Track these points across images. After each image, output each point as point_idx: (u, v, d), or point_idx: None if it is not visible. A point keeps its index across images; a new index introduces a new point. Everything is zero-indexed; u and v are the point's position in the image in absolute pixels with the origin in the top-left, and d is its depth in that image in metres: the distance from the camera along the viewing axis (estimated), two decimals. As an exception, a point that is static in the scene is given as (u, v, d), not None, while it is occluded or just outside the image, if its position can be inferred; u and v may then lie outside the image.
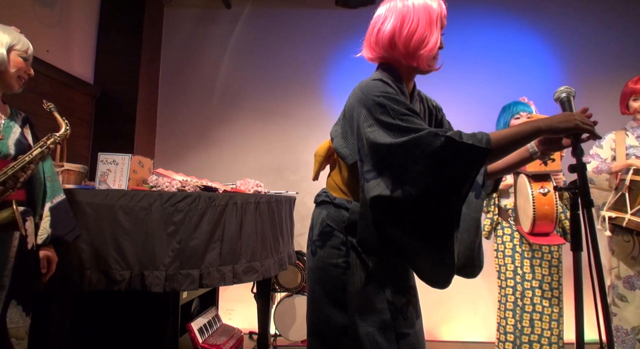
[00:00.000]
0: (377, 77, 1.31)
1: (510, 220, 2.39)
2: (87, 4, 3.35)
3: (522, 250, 2.32)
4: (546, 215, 2.05)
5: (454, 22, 3.64)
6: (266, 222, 2.25)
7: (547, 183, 2.08)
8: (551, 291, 2.27)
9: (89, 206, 1.91)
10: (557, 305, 2.28)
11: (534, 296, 2.27)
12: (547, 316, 2.26)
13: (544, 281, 2.28)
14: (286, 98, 3.70)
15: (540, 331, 2.24)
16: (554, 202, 2.06)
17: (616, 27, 3.52)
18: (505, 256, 2.36)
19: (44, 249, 1.64)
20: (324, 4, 3.74)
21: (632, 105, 2.35)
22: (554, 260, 2.31)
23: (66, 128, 1.64)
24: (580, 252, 1.09)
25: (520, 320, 2.28)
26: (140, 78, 3.41)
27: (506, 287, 2.34)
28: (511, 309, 2.32)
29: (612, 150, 2.39)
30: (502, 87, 3.52)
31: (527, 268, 2.30)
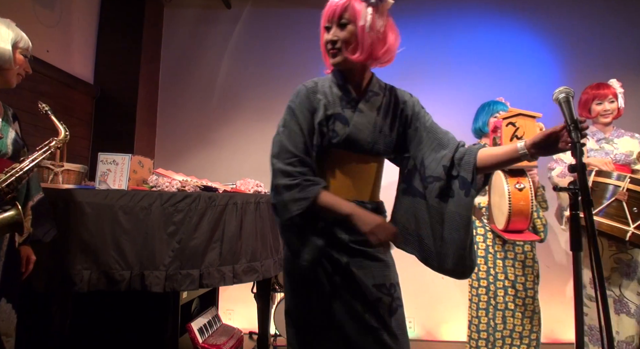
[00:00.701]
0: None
1: (483, 218, 2.38)
2: (87, 4, 3.36)
3: (494, 250, 2.32)
4: (521, 211, 2.04)
5: (454, 22, 3.66)
6: (266, 222, 2.25)
7: (523, 178, 2.06)
8: (525, 291, 2.27)
9: (89, 206, 1.91)
10: (531, 304, 2.28)
11: (506, 295, 2.27)
12: (520, 313, 2.26)
13: (517, 281, 2.27)
14: (286, 98, 3.66)
15: (512, 327, 2.26)
16: (529, 198, 2.04)
17: (616, 27, 3.52)
18: (478, 256, 2.34)
19: (24, 247, 1.64)
20: (324, 4, 3.72)
21: (595, 109, 2.43)
22: (527, 260, 2.30)
23: (65, 134, 1.65)
24: (580, 252, 1.09)
25: (494, 318, 2.29)
26: (140, 78, 3.41)
27: (479, 287, 2.33)
28: (484, 308, 2.31)
29: None
30: (501, 87, 3.51)
31: (499, 268, 2.29)
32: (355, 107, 1.33)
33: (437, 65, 3.57)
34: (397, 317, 1.31)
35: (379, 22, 1.29)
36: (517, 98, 3.46)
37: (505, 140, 2.03)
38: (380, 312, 1.28)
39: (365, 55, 1.30)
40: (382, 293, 1.30)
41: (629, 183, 2.06)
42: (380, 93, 1.38)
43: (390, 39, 1.33)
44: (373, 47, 1.30)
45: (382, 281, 1.31)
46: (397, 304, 1.33)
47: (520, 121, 1.99)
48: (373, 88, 1.38)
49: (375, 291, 1.28)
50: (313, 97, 1.32)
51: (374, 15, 1.28)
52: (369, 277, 1.29)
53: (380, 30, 1.30)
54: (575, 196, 1.19)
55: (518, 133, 1.99)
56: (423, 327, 3.37)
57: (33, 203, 1.66)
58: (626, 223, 2.04)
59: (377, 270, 1.31)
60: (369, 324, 1.26)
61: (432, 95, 3.47)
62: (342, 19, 1.29)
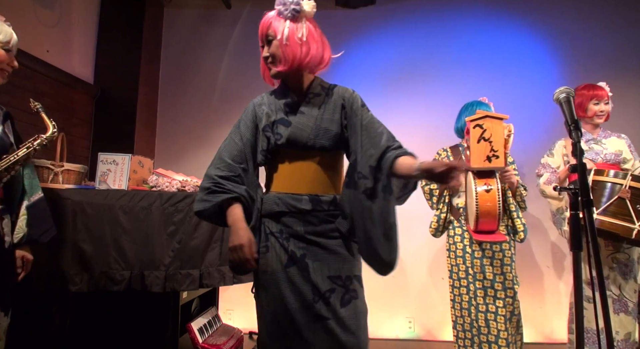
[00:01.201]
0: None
1: (461, 219, 2.37)
2: (87, 4, 3.36)
3: (472, 250, 2.30)
4: (489, 212, 2.03)
5: (454, 22, 3.66)
6: (266, 222, 2.25)
7: (491, 180, 2.06)
8: (504, 291, 2.24)
9: (89, 206, 1.91)
10: (510, 305, 2.24)
11: (486, 296, 2.25)
12: (502, 316, 2.21)
13: (496, 280, 2.25)
14: (286, 98, 3.70)
15: (497, 332, 2.21)
16: (496, 199, 2.04)
17: (615, 27, 3.52)
18: (457, 256, 2.34)
19: (21, 249, 1.60)
20: (324, 4, 3.73)
21: (592, 109, 2.44)
22: (506, 259, 2.27)
23: (53, 131, 1.62)
24: (580, 252, 1.09)
25: (477, 319, 2.26)
26: (140, 78, 3.41)
27: (460, 286, 2.32)
28: (466, 308, 2.29)
29: (564, 155, 2.48)
30: (501, 87, 3.51)
31: (477, 268, 2.27)
32: (297, 110, 1.46)
33: (437, 65, 3.56)
34: (350, 308, 1.37)
35: (298, 33, 1.42)
36: (516, 98, 3.48)
37: (472, 142, 2.04)
38: (331, 302, 1.35)
39: (288, 65, 1.42)
40: (336, 285, 1.37)
41: (631, 181, 2.05)
42: (321, 94, 1.50)
43: (313, 47, 1.44)
44: (294, 57, 1.41)
45: (337, 273, 1.39)
46: (352, 296, 1.39)
47: (487, 123, 2.00)
48: (314, 91, 1.49)
49: (328, 282, 1.36)
50: (258, 109, 1.49)
51: (291, 28, 1.42)
52: (324, 268, 1.38)
53: (301, 39, 1.42)
54: (575, 196, 1.20)
55: (485, 135, 2.01)
56: (423, 327, 3.37)
57: (28, 203, 1.62)
58: (631, 221, 2.01)
59: (333, 262, 1.39)
60: (319, 314, 1.34)
61: (432, 95, 3.47)
62: (268, 37, 1.45)
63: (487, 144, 2.00)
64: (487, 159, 2.00)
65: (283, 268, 1.37)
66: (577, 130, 1.28)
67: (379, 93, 3.61)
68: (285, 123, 1.44)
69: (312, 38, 1.45)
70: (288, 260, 1.38)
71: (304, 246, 1.39)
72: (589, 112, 2.44)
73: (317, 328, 1.34)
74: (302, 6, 1.43)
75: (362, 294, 1.44)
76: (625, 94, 3.48)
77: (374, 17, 3.66)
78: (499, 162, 2.01)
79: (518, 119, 3.40)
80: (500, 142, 2.00)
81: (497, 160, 2.00)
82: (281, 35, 1.41)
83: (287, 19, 1.43)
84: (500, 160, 2.00)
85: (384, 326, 3.37)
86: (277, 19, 1.44)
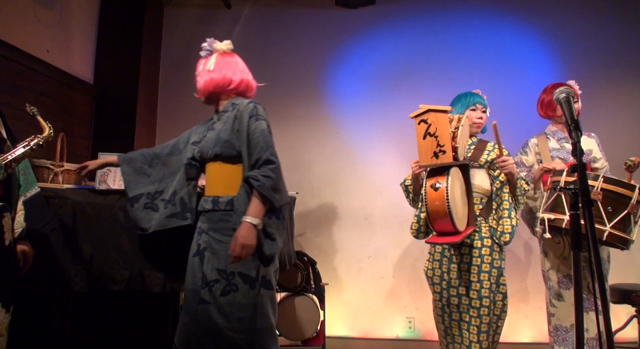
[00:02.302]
0: None
1: None
2: (87, 4, 3.35)
3: (450, 254, 2.14)
4: (437, 212, 1.85)
5: (453, 22, 3.66)
6: (266, 222, 2.25)
7: (441, 177, 1.87)
8: (480, 300, 2.04)
9: (89, 206, 1.91)
10: (486, 315, 2.04)
11: (461, 304, 2.09)
12: (475, 327, 2.04)
13: (472, 288, 2.06)
14: (286, 98, 3.70)
15: (469, 343, 2.06)
16: (444, 198, 1.84)
17: (614, 27, 3.52)
18: (434, 260, 2.20)
19: (20, 243, 1.62)
20: (324, 4, 3.74)
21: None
22: (484, 265, 2.07)
23: (50, 132, 1.65)
24: (580, 251, 1.09)
25: (450, 327, 2.14)
26: (140, 78, 3.41)
27: (434, 292, 2.20)
28: (440, 315, 2.18)
29: (537, 154, 2.47)
30: (500, 87, 3.52)
31: (453, 273, 2.11)
32: (212, 127, 1.79)
33: (436, 65, 3.57)
34: (229, 299, 1.60)
35: (206, 66, 1.78)
36: (516, 98, 3.48)
37: (419, 138, 1.90)
38: (213, 290, 1.60)
39: (201, 93, 1.81)
40: (221, 277, 1.61)
41: (603, 183, 2.00)
42: (229, 110, 1.76)
43: (218, 74, 1.76)
44: (204, 85, 1.78)
45: (223, 268, 1.62)
46: (232, 288, 1.61)
47: (431, 117, 1.86)
48: (226, 109, 1.78)
49: (215, 274, 1.61)
50: (194, 128, 1.94)
51: (204, 63, 1.80)
52: (214, 261, 1.63)
53: (209, 69, 1.76)
54: (575, 196, 1.20)
55: (431, 130, 1.87)
56: (423, 327, 3.37)
57: (26, 198, 1.65)
58: (602, 223, 1.97)
59: (223, 257, 1.62)
60: (202, 298, 1.61)
61: (431, 94, 3.46)
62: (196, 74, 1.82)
63: (432, 140, 1.87)
64: (434, 155, 1.86)
65: (192, 257, 1.71)
66: (577, 130, 1.28)
67: (378, 92, 3.61)
68: (202, 138, 1.80)
69: (219, 67, 1.77)
70: (195, 251, 1.70)
71: (207, 240, 1.68)
72: (557, 111, 2.42)
73: (201, 309, 1.61)
74: (214, 46, 1.81)
75: (246, 290, 1.62)
76: (624, 93, 3.49)
77: (374, 17, 3.67)
78: (447, 157, 1.84)
79: (517, 119, 3.43)
80: (447, 136, 1.85)
81: (445, 155, 1.84)
82: (197, 71, 1.82)
83: (204, 58, 1.81)
84: (447, 155, 1.84)
85: (384, 326, 3.37)
86: (200, 60, 1.82)
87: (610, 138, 3.33)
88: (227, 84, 1.77)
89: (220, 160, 1.72)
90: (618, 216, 1.96)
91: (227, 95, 1.80)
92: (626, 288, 2.76)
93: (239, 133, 1.68)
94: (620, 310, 2.99)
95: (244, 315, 1.61)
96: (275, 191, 1.60)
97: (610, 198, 1.98)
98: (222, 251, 1.63)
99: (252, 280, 1.63)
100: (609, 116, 3.42)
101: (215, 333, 1.60)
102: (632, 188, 1.98)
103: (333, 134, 3.65)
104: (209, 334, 1.61)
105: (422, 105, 1.91)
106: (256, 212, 1.58)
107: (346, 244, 3.52)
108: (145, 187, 1.84)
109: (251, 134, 1.65)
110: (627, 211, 1.96)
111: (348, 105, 3.66)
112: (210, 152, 1.72)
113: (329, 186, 3.60)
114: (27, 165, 1.71)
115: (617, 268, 2.48)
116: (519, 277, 3.42)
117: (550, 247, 2.37)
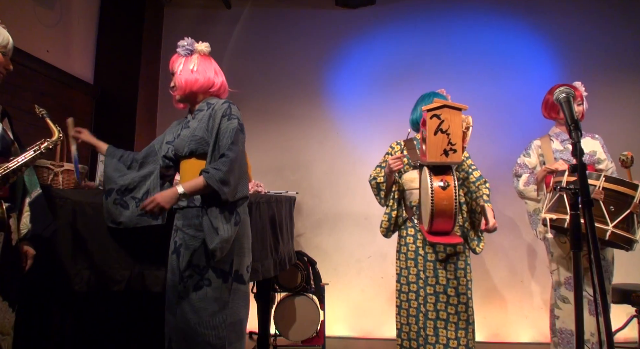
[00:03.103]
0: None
1: (414, 218, 2.22)
2: (87, 4, 3.35)
3: (425, 252, 2.14)
4: (444, 211, 1.83)
5: (453, 22, 3.66)
6: (266, 222, 2.25)
7: (448, 176, 1.86)
8: (457, 297, 2.08)
9: (89, 206, 1.91)
10: (464, 312, 2.08)
11: (438, 302, 2.08)
12: (453, 324, 2.06)
13: (449, 285, 2.08)
14: (286, 98, 3.70)
15: (446, 341, 2.05)
16: (453, 197, 1.83)
17: (615, 27, 3.52)
18: (408, 258, 2.18)
19: (24, 243, 1.63)
20: (324, 4, 3.74)
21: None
22: (460, 262, 2.12)
23: (59, 136, 1.65)
24: (580, 251, 1.09)
25: (424, 328, 2.09)
26: (140, 78, 3.41)
27: (408, 291, 2.16)
28: (414, 315, 2.14)
29: (540, 155, 2.46)
30: (501, 87, 3.52)
31: (430, 271, 2.11)
32: (187, 125, 1.80)
33: (436, 65, 3.57)
34: (201, 294, 1.64)
35: (188, 65, 1.81)
36: (516, 98, 3.48)
37: (429, 133, 1.85)
38: (187, 285, 1.65)
39: (181, 92, 1.80)
40: (194, 271, 1.66)
41: (605, 182, 1.99)
42: (204, 109, 1.79)
43: (201, 77, 1.80)
44: (186, 84, 1.79)
45: (197, 263, 1.67)
46: (205, 283, 1.65)
47: (445, 114, 1.82)
48: (201, 108, 1.80)
49: (190, 270, 1.66)
50: (169, 129, 1.93)
51: (184, 62, 1.83)
52: (188, 256, 1.67)
53: (193, 69, 1.80)
54: (575, 196, 1.20)
55: (443, 127, 1.82)
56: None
57: (31, 200, 1.66)
58: (604, 223, 1.96)
59: (197, 253, 1.67)
60: (180, 294, 1.67)
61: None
62: (172, 70, 1.85)
63: (444, 136, 1.82)
64: (444, 153, 1.82)
65: (170, 255, 1.75)
66: (577, 130, 1.29)
67: (378, 92, 3.61)
68: (177, 137, 1.81)
69: (202, 68, 1.82)
70: (173, 249, 1.75)
71: (182, 236, 1.72)
72: (560, 113, 2.40)
73: (178, 304, 1.67)
74: (194, 46, 1.87)
75: (219, 284, 1.66)
76: (625, 93, 3.49)
77: (374, 17, 3.67)
78: (457, 156, 1.82)
79: (517, 118, 3.43)
80: (459, 135, 1.82)
81: (455, 154, 1.82)
82: (177, 69, 1.82)
83: (183, 57, 1.85)
84: (457, 154, 1.82)
85: (384, 326, 3.37)
86: (177, 57, 1.86)
87: (611, 138, 3.33)
88: (210, 86, 1.82)
89: (194, 157, 1.75)
90: (621, 215, 1.95)
91: (204, 96, 1.84)
92: (626, 288, 2.76)
93: (213, 133, 1.72)
94: (620, 310, 2.99)
95: (215, 310, 1.65)
96: (224, 184, 1.60)
97: (613, 198, 1.97)
98: (196, 246, 1.67)
99: (225, 274, 1.67)
100: (610, 116, 3.42)
101: (188, 330, 1.64)
102: (635, 187, 1.97)
103: (333, 134, 3.65)
104: (182, 331, 1.65)
105: (438, 99, 1.88)
106: (190, 187, 1.62)
107: (346, 244, 3.52)
108: (117, 183, 1.86)
109: (221, 132, 1.69)
110: (630, 211, 1.95)
111: (348, 105, 3.66)
112: (185, 148, 1.75)
113: (329, 186, 3.60)
114: (31, 166, 1.72)
115: (618, 268, 2.48)
116: (519, 278, 3.42)
117: (556, 248, 2.36)
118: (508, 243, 3.44)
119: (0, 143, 1.56)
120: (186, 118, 1.87)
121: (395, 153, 2.32)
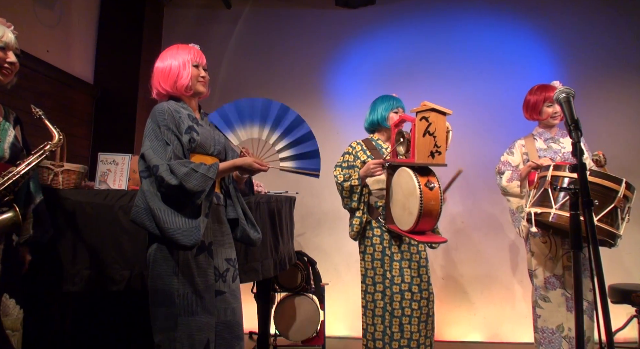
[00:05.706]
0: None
1: (380, 218, 2.27)
2: (87, 4, 3.35)
3: (391, 252, 2.22)
4: (430, 212, 1.90)
5: (453, 22, 3.66)
6: (266, 222, 2.25)
7: (432, 177, 1.94)
8: (420, 293, 2.21)
9: (89, 206, 1.91)
10: (426, 306, 2.22)
11: (403, 300, 2.19)
12: (416, 318, 2.19)
13: (413, 283, 2.21)
14: (286, 97, 3.68)
15: (410, 335, 2.17)
16: (439, 198, 1.90)
17: (613, 26, 3.52)
18: (375, 259, 2.24)
19: (22, 248, 1.65)
20: (324, 4, 3.74)
21: (546, 111, 2.42)
22: (422, 260, 2.25)
23: (60, 138, 1.65)
24: (580, 251, 1.09)
25: (390, 326, 2.18)
26: (140, 79, 3.41)
27: (374, 292, 2.23)
28: (380, 315, 2.21)
29: (524, 154, 2.47)
30: (499, 86, 3.52)
31: (395, 271, 2.21)
32: (198, 124, 1.80)
33: (436, 64, 3.57)
34: (237, 283, 1.74)
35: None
36: (515, 98, 3.47)
37: (418, 135, 1.91)
38: (227, 278, 1.69)
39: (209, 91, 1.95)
40: (230, 265, 1.71)
41: (590, 176, 1.94)
42: (205, 116, 1.88)
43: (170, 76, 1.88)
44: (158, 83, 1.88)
45: (230, 256, 1.72)
46: (237, 273, 1.75)
47: (432, 117, 1.90)
48: (201, 113, 1.89)
49: (226, 264, 1.69)
50: (175, 114, 1.77)
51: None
52: (223, 252, 1.70)
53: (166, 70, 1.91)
54: (575, 196, 1.20)
55: (430, 129, 1.90)
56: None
57: (35, 206, 1.67)
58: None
59: (228, 247, 1.72)
60: (218, 290, 1.65)
61: (431, 94, 3.44)
62: (205, 65, 2.07)
63: (431, 139, 1.90)
64: (430, 155, 1.90)
65: (194, 257, 1.61)
66: (577, 129, 1.29)
67: (378, 92, 3.58)
68: (195, 131, 1.75)
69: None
70: (199, 248, 1.62)
71: (209, 234, 1.68)
72: (543, 114, 2.43)
73: (219, 302, 1.64)
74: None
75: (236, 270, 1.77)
76: (622, 92, 3.49)
77: (374, 17, 3.67)
78: (442, 158, 1.91)
79: (516, 118, 3.42)
80: (443, 138, 1.91)
81: (440, 156, 1.91)
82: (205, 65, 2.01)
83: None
84: (442, 156, 1.91)
85: (384, 326, 3.37)
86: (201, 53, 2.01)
87: (608, 137, 3.34)
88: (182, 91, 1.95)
89: (217, 158, 1.81)
90: (605, 210, 1.91)
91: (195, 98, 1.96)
92: (626, 288, 2.76)
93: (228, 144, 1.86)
94: (620, 310, 2.99)
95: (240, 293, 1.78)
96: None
97: (597, 192, 1.93)
98: (227, 241, 1.73)
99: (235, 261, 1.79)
100: (607, 115, 3.43)
101: (233, 320, 1.68)
102: (619, 181, 1.95)
103: (333, 134, 3.65)
104: (226, 324, 1.66)
105: (426, 102, 1.94)
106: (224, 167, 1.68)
107: (346, 244, 3.52)
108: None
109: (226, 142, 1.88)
110: (614, 205, 1.91)
111: (348, 104, 3.66)
112: (211, 149, 1.79)
113: (329, 186, 3.59)
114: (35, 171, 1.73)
115: (619, 268, 2.48)
116: (519, 277, 3.42)
117: (537, 247, 2.37)
118: (508, 242, 3.45)
119: (10, 151, 1.58)
120: (192, 116, 1.80)
121: (357, 153, 2.40)
